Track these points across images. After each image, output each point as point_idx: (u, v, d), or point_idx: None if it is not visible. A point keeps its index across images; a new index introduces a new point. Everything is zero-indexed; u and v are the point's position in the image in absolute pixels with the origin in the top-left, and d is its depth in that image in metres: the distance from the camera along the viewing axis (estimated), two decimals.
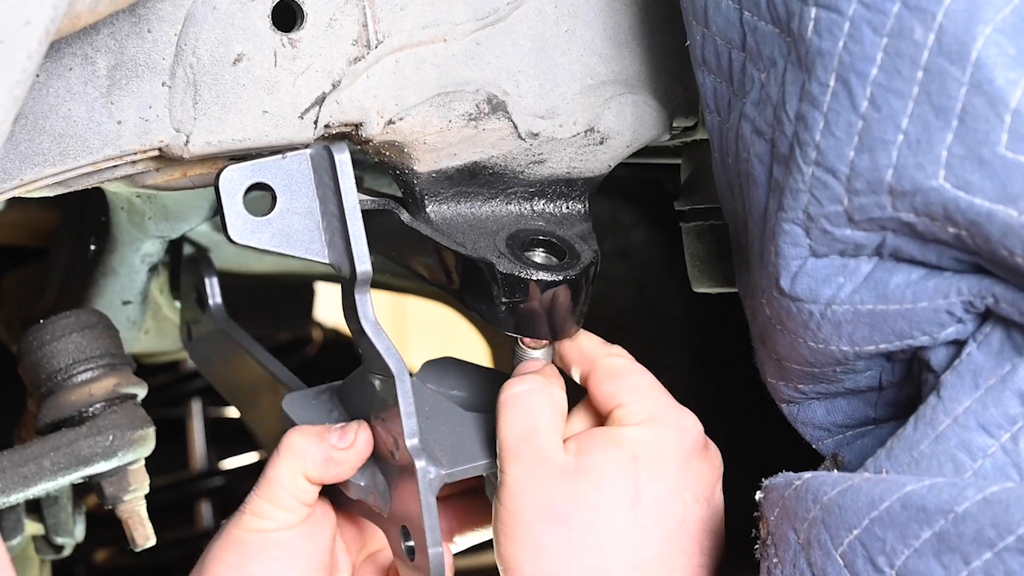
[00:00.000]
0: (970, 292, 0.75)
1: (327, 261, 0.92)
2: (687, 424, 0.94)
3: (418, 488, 0.89)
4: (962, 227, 0.72)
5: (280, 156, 0.90)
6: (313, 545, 0.97)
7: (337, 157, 0.89)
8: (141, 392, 1.14)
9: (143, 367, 1.22)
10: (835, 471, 0.85)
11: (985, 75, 0.70)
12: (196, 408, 2.16)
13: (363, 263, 0.90)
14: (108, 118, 0.88)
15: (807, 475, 0.81)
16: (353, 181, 0.89)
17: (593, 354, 0.96)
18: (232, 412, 2.21)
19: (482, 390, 1.03)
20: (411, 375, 1.03)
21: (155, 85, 0.89)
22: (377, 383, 0.93)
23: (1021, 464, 0.74)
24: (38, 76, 0.86)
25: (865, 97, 0.74)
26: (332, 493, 0.99)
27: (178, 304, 1.40)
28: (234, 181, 0.89)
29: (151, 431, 1.11)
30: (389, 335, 0.92)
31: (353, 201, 0.89)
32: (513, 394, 0.94)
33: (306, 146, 0.91)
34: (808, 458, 0.92)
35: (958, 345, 0.78)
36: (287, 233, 0.91)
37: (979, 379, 0.76)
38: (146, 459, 1.13)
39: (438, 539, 0.90)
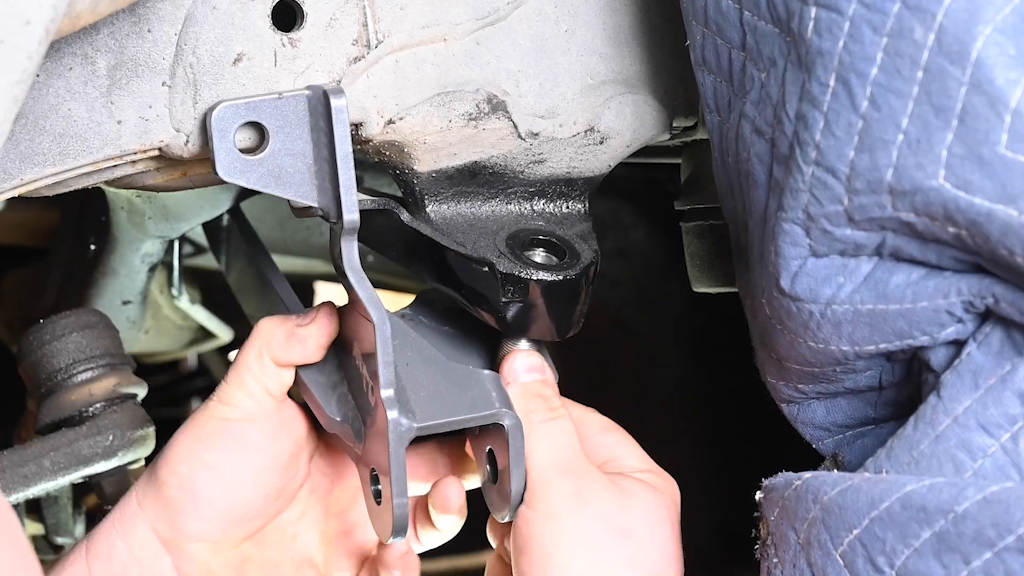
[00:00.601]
0: (970, 292, 0.75)
1: (315, 204, 0.91)
2: (677, 493, 0.97)
3: (388, 438, 0.90)
4: (962, 227, 0.72)
5: (276, 95, 0.89)
6: (272, 444, 0.96)
7: (333, 103, 0.88)
8: (141, 392, 1.14)
9: (143, 367, 1.22)
10: (835, 471, 0.85)
11: (985, 75, 0.70)
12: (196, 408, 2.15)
13: (351, 212, 0.89)
14: (108, 118, 0.88)
15: (807, 475, 0.81)
16: (348, 129, 0.88)
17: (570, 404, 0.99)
18: None
19: (473, 330, 1.02)
20: (403, 310, 1.03)
21: (155, 85, 0.88)
22: (363, 323, 0.93)
23: (1021, 464, 0.74)
24: (38, 76, 0.86)
25: (865, 97, 0.74)
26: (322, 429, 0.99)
27: (180, 303, 1.40)
28: (226, 118, 0.88)
29: (151, 431, 1.11)
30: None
31: (346, 149, 0.88)
32: (549, 423, 0.95)
33: (306, 88, 0.91)
34: (808, 458, 0.92)
35: (958, 345, 0.78)
36: (277, 174, 0.90)
37: (979, 379, 0.76)
38: (146, 459, 1.13)
39: (404, 490, 0.90)
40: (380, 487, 0.93)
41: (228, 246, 1.28)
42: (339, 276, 0.94)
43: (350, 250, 0.91)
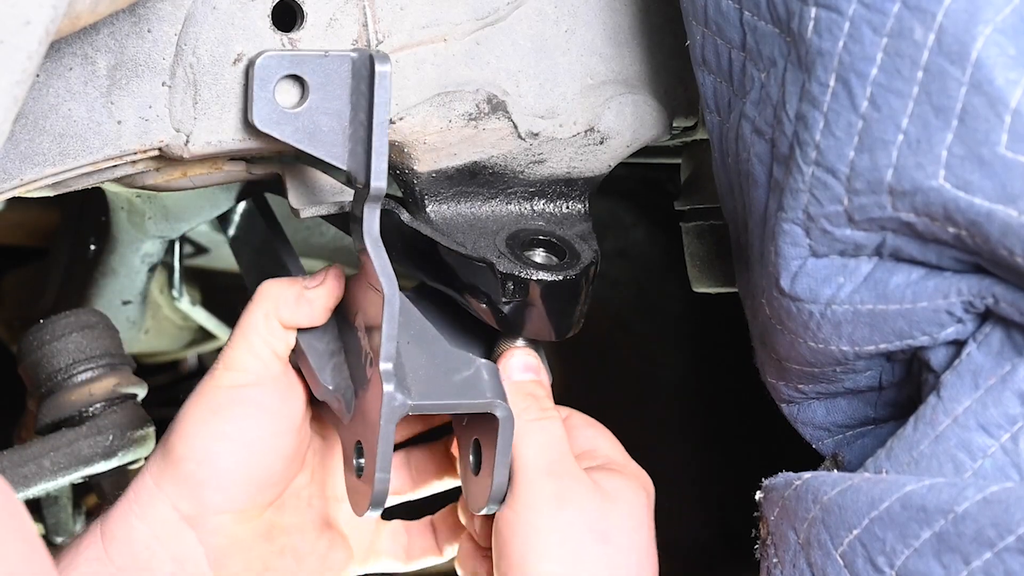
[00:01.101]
0: (970, 292, 0.75)
1: (344, 167, 0.91)
2: (651, 486, 0.97)
3: (380, 412, 0.89)
4: (962, 227, 0.72)
5: (322, 53, 0.89)
6: (284, 406, 0.96)
7: (378, 68, 0.87)
8: (141, 392, 1.14)
9: (143, 367, 1.22)
10: (835, 471, 0.85)
11: (985, 75, 0.70)
12: None
13: (379, 179, 0.89)
14: (108, 118, 0.88)
15: (807, 475, 0.81)
16: (389, 96, 0.88)
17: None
18: None
19: (472, 323, 1.01)
20: (408, 291, 1.02)
21: (155, 85, 0.89)
22: (370, 295, 0.92)
23: (1021, 464, 0.74)
24: (38, 76, 0.86)
25: (865, 97, 0.74)
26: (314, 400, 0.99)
27: (181, 303, 1.40)
28: (270, 68, 0.88)
29: (151, 431, 1.11)
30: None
31: (384, 116, 0.88)
32: (539, 422, 0.95)
33: (352, 49, 0.90)
34: (808, 458, 0.92)
35: (958, 345, 0.78)
36: (311, 131, 0.90)
37: (979, 379, 0.76)
38: (147, 459, 1.13)
39: (387, 466, 0.89)
40: (363, 461, 0.93)
41: (242, 228, 1.28)
42: (355, 244, 0.93)
43: (371, 218, 0.91)
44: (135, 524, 0.94)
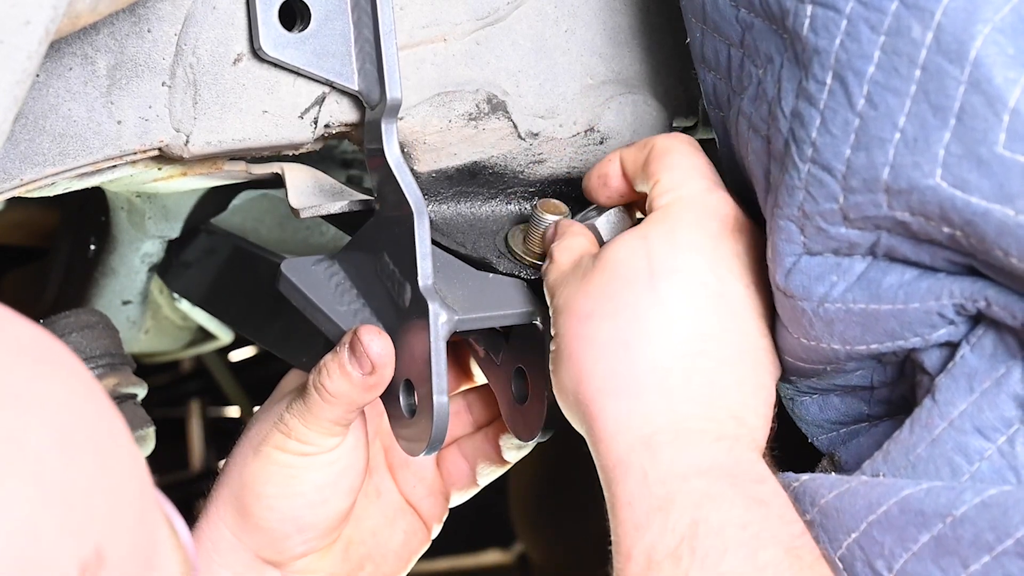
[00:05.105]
0: (962, 295, 0.75)
1: (355, 88, 0.91)
2: (710, 202, 0.86)
3: (428, 333, 0.86)
4: (957, 226, 0.72)
5: None
6: (354, 452, 0.96)
7: None
8: (141, 392, 1.14)
9: (143, 367, 1.22)
10: (832, 473, 0.85)
11: (983, 74, 0.70)
12: (196, 408, 2.16)
13: (394, 90, 0.89)
14: (108, 118, 0.88)
15: (805, 477, 0.81)
16: (391, 5, 0.89)
17: (652, 139, 0.90)
18: (232, 412, 2.22)
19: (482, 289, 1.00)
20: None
21: (155, 85, 0.89)
22: (393, 229, 0.90)
23: (1018, 467, 0.74)
24: (38, 76, 0.86)
25: (862, 95, 0.74)
26: None
27: (181, 303, 1.40)
28: None
29: (151, 431, 1.11)
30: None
31: (389, 26, 0.88)
32: (561, 234, 0.92)
33: None
34: (808, 458, 0.92)
35: (950, 347, 0.77)
36: (318, 53, 0.90)
37: (973, 382, 0.75)
38: (146, 459, 1.13)
39: (444, 387, 0.86)
40: (412, 400, 0.90)
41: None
42: (372, 169, 0.92)
43: (391, 134, 0.90)
44: (219, 571, 0.96)
